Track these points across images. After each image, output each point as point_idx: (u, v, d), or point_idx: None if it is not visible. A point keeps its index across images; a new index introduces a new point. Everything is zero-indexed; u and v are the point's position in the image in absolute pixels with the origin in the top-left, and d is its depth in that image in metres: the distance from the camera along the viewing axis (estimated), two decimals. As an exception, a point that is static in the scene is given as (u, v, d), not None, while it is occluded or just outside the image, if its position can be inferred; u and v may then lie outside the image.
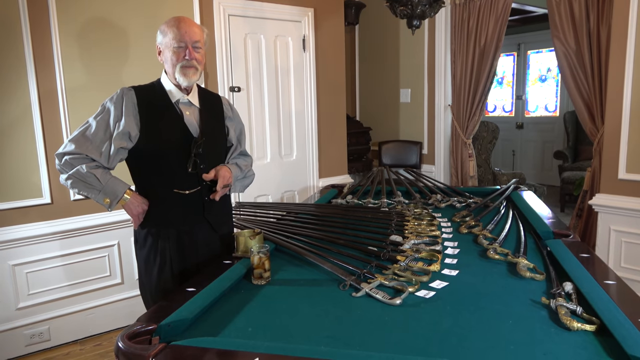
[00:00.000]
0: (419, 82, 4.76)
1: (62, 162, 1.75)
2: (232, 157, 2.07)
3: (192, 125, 1.88)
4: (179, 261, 1.87)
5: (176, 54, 1.81)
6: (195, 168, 1.84)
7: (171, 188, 1.84)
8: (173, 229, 1.86)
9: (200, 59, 1.85)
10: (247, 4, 3.53)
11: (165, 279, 1.87)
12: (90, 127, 1.78)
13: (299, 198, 4.00)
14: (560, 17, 3.62)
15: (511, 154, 7.82)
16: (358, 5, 4.96)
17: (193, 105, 1.92)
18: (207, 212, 1.91)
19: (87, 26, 2.89)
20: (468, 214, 2.45)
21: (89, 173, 1.73)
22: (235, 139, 2.09)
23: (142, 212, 1.84)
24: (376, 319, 1.36)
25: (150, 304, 1.91)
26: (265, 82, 3.74)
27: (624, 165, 3.09)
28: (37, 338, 2.91)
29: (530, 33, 7.39)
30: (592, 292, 1.39)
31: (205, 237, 1.93)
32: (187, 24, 1.83)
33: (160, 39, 1.86)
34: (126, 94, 1.81)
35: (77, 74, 2.89)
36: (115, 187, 1.77)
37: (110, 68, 2.99)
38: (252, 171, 2.15)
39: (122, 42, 3.02)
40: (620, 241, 3.15)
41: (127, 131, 1.77)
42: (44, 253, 2.90)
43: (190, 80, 1.83)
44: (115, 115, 1.78)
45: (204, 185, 1.89)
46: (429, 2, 2.28)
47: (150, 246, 1.87)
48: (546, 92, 7.52)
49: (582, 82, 3.58)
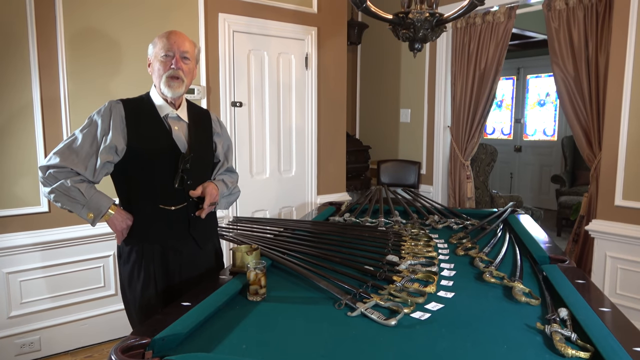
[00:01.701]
0: (419, 103, 4.81)
1: (45, 175, 1.71)
2: (218, 173, 2.04)
3: (180, 141, 1.85)
4: (163, 278, 1.84)
5: (163, 63, 1.79)
6: (182, 184, 1.81)
7: (157, 204, 1.81)
8: (158, 245, 1.83)
9: (187, 70, 1.83)
10: (251, 20, 3.58)
11: (149, 296, 1.83)
12: (77, 139, 1.74)
13: (296, 214, 4.00)
14: (560, 43, 3.68)
15: (509, 176, 7.85)
16: (361, 26, 5.04)
17: (182, 120, 1.89)
18: (192, 228, 1.89)
19: (92, 35, 2.92)
20: (465, 235, 2.45)
21: (73, 187, 1.69)
22: (223, 155, 2.07)
23: (126, 227, 1.81)
24: (371, 339, 1.35)
25: (134, 320, 1.89)
26: (267, 98, 3.77)
27: (620, 192, 3.11)
28: (28, 348, 2.88)
29: (529, 58, 7.49)
30: (587, 319, 1.39)
31: (190, 254, 1.90)
32: (176, 35, 1.82)
33: (150, 50, 1.85)
34: (114, 107, 1.78)
35: (80, 82, 2.91)
36: (100, 202, 1.73)
37: (114, 77, 3.02)
38: (237, 188, 2.13)
39: (127, 53, 3.05)
40: (616, 268, 3.15)
41: (113, 145, 1.74)
42: (38, 262, 2.88)
43: (174, 92, 1.80)
44: (102, 128, 1.75)
45: (190, 202, 1.86)
46: (431, 26, 2.31)
47: (134, 262, 1.83)
48: (545, 117, 7.59)
49: (580, 108, 3.62)
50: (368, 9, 2.31)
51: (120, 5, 2.98)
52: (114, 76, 3.02)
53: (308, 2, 3.89)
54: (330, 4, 4.01)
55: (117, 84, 3.02)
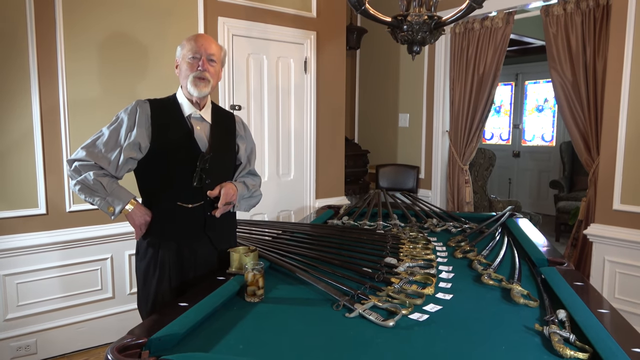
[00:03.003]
0: (418, 108, 4.82)
1: (72, 168, 1.80)
2: (240, 176, 2.08)
3: (201, 140, 1.90)
4: (177, 274, 1.87)
5: (190, 65, 1.86)
6: (201, 183, 1.86)
7: (175, 201, 1.86)
8: (173, 242, 1.87)
9: (213, 72, 1.89)
10: (251, 25, 3.59)
11: (163, 292, 1.86)
12: (103, 136, 1.83)
13: (295, 218, 4.00)
14: (558, 49, 3.69)
15: (507, 181, 7.86)
16: (360, 31, 5.05)
17: (205, 120, 1.95)
18: (208, 227, 1.92)
19: (93, 42, 2.93)
20: (463, 239, 2.45)
21: (95, 181, 1.76)
22: (245, 158, 2.12)
23: (145, 223, 1.86)
24: (369, 340, 1.35)
25: (146, 315, 1.90)
26: (265, 101, 3.78)
27: (618, 196, 3.11)
28: (24, 351, 2.86)
29: (528, 64, 7.52)
30: (586, 320, 1.38)
31: (205, 253, 1.93)
32: (204, 38, 1.90)
33: (178, 52, 1.92)
34: (141, 106, 1.85)
35: (80, 87, 2.91)
36: (120, 197, 1.80)
37: (114, 84, 3.02)
38: (259, 191, 2.16)
39: (127, 60, 3.05)
40: (615, 272, 3.15)
41: (137, 142, 1.80)
42: (35, 264, 2.87)
43: (200, 92, 1.86)
44: (127, 125, 1.82)
45: (207, 201, 1.89)
46: (430, 29, 2.32)
47: (150, 258, 1.88)
48: (543, 122, 7.61)
49: (578, 113, 3.63)
50: (367, 11, 2.33)
51: (119, 9, 2.99)
52: (112, 79, 3.01)
53: (307, 6, 3.90)
54: (330, 8, 4.03)
55: (116, 87, 3.02)
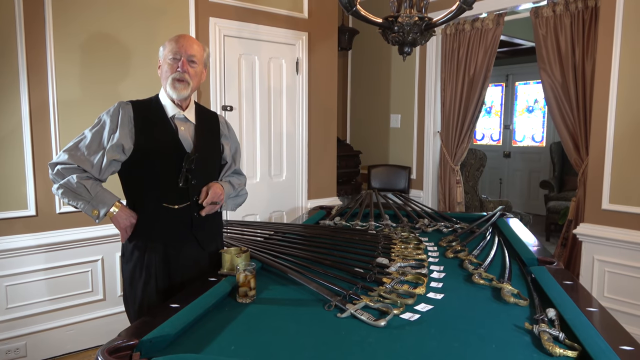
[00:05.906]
0: (409, 108, 4.84)
1: (54, 172, 1.77)
2: (225, 175, 2.08)
3: (185, 141, 1.89)
4: (164, 277, 1.86)
5: (170, 66, 1.84)
6: (187, 183, 1.85)
7: (161, 202, 1.84)
8: (160, 244, 1.85)
9: (193, 74, 1.87)
10: (242, 25, 3.59)
11: (150, 294, 1.84)
12: (85, 138, 1.80)
13: (287, 218, 3.99)
14: (547, 50, 3.73)
15: (498, 182, 7.91)
16: (351, 32, 5.06)
17: (188, 121, 1.93)
18: (195, 228, 1.91)
19: (83, 41, 2.91)
20: (454, 238, 2.46)
21: (78, 184, 1.73)
22: (230, 157, 2.11)
23: (130, 225, 1.83)
24: (361, 340, 1.35)
25: (133, 318, 1.88)
26: (257, 102, 3.77)
27: (607, 196, 3.14)
28: (13, 354, 2.83)
29: (518, 65, 7.58)
30: (575, 318, 1.40)
31: (192, 254, 1.92)
32: (185, 39, 1.87)
33: (160, 52, 1.91)
34: (123, 108, 1.83)
35: (70, 87, 2.89)
36: (104, 199, 1.77)
37: (104, 83, 3.00)
38: (245, 190, 2.16)
39: (117, 59, 3.04)
40: (604, 271, 3.18)
41: (120, 144, 1.78)
42: (25, 266, 2.84)
43: (179, 94, 1.85)
44: (110, 127, 1.80)
45: (193, 201, 1.88)
46: (420, 30, 2.33)
47: (136, 260, 1.86)
48: (533, 123, 7.67)
49: (567, 113, 3.67)
50: (358, 12, 2.33)
51: (110, 9, 2.97)
52: (103, 79, 3.00)
53: (299, 7, 3.90)
54: (321, 9, 4.03)
55: (106, 87, 3.00)
